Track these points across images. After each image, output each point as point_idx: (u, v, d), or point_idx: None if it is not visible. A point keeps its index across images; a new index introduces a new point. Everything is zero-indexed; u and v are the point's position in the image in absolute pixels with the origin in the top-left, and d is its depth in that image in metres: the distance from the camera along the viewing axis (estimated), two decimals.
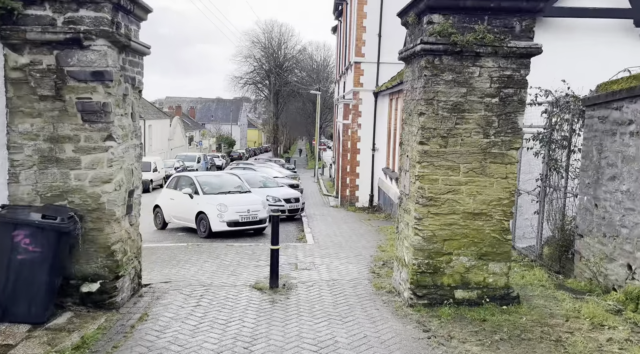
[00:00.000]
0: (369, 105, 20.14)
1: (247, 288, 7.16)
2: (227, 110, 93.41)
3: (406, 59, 6.60)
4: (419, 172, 5.98)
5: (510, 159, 5.96)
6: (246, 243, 11.41)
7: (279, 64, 60.72)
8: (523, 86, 5.85)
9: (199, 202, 12.71)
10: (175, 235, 13.17)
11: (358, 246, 10.79)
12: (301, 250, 10.21)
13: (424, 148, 5.94)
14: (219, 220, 12.24)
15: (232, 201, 12.71)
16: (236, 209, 12.47)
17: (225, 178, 14.43)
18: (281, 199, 16.01)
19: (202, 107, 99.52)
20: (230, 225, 12.36)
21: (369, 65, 19.93)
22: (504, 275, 6.08)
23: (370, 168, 20.47)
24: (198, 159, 38.92)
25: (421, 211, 6.00)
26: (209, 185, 13.43)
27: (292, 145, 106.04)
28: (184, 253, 9.84)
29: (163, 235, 13.24)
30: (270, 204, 15.81)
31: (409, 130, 6.52)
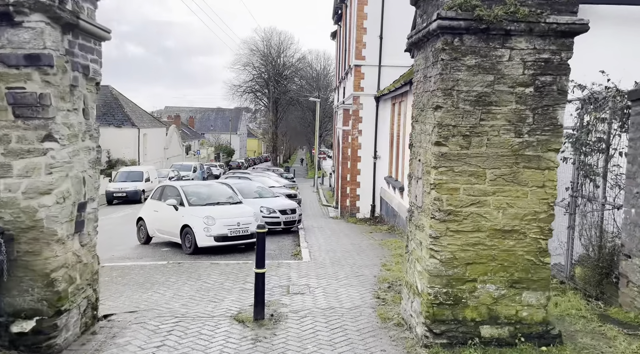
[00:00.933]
0: (370, 110, 19.06)
1: (226, 319, 5.97)
2: (227, 119, 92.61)
3: (417, 44, 5.48)
4: (435, 180, 4.83)
5: (548, 163, 4.81)
6: (234, 260, 10.23)
7: (278, 72, 59.90)
8: (564, 72, 4.73)
9: (184, 214, 11.55)
10: (159, 250, 11.98)
11: (359, 263, 9.60)
12: (295, 268, 9.02)
13: (441, 150, 4.80)
14: (205, 234, 11.07)
15: (220, 213, 11.54)
16: (225, 222, 11.30)
17: (215, 188, 13.27)
18: (276, 210, 14.84)
19: (202, 117, 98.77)
20: (218, 239, 11.18)
21: (370, 68, 18.88)
22: (541, 307, 4.90)
23: (371, 177, 19.34)
24: (194, 168, 37.84)
25: (438, 228, 4.84)
26: (195, 195, 12.27)
27: (292, 155, 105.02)
28: (161, 273, 8.66)
29: (145, 250, 12.05)
30: (265, 216, 14.66)
31: (421, 128, 5.39)
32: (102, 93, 37.55)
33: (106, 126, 36.20)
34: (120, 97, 39.51)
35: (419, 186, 5.36)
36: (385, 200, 17.89)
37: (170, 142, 45.58)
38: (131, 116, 37.76)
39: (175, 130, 48.01)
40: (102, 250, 12.85)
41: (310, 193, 32.98)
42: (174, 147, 47.14)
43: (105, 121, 36.46)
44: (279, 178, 28.00)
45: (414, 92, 5.77)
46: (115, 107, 37.68)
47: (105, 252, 11.80)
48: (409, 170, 5.94)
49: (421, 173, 5.28)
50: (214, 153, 69.82)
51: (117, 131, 36.40)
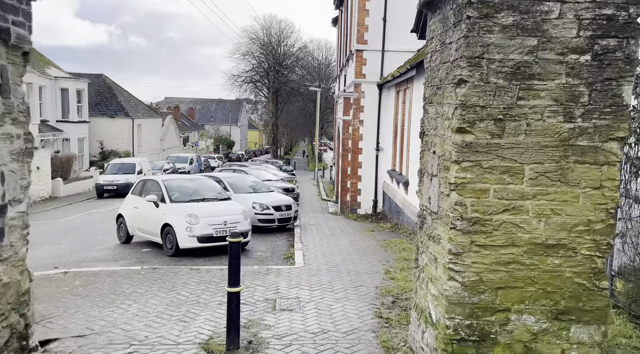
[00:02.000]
0: (372, 98, 17.82)
1: (193, 348, 4.84)
2: (227, 111, 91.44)
3: (432, 2, 4.27)
4: (456, 178, 3.66)
5: (607, 156, 3.63)
6: (218, 265, 9.09)
7: (279, 62, 58.50)
8: (632, 34, 3.52)
9: (165, 212, 10.40)
10: (138, 251, 10.85)
11: (359, 270, 8.45)
12: (286, 276, 7.88)
13: (465, 138, 3.63)
14: (187, 234, 9.93)
15: (205, 211, 10.39)
16: (210, 221, 10.16)
17: (201, 182, 12.08)
18: (270, 207, 13.68)
19: (202, 108, 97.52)
20: (202, 240, 10.04)
21: (373, 53, 17.62)
22: (596, 345, 3.74)
23: (373, 171, 18.15)
24: (190, 160, 36.66)
25: (460, 242, 3.68)
26: (178, 190, 11.12)
27: (294, 147, 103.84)
28: (131, 281, 7.53)
29: (123, 251, 10.93)
30: (257, 213, 13.52)
31: (437, 111, 4.20)
32: (95, 83, 36.36)
33: (99, 116, 35.08)
34: (114, 86, 38.28)
35: (434, 185, 4.19)
36: (389, 195, 16.73)
37: (166, 133, 44.39)
38: (125, 106, 36.55)
39: (172, 120, 46.80)
40: (77, 250, 11.82)
41: (310, 186, 31.83)
42: (170, 138, 45.97)
43: (98, 111, 35.31)
44: (277, 171, 26.84)
45: (428, 66, 4.58)
46: (109, 97, 36.47)
47: (79, 253, 10.71)
48: (420, 165, 4.77)
49: (437, 169, 4.11)
50: (213, 144, 68.67)
51: (110, 121, 35.25)
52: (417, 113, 13.63)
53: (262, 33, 57.99)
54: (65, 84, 31.24)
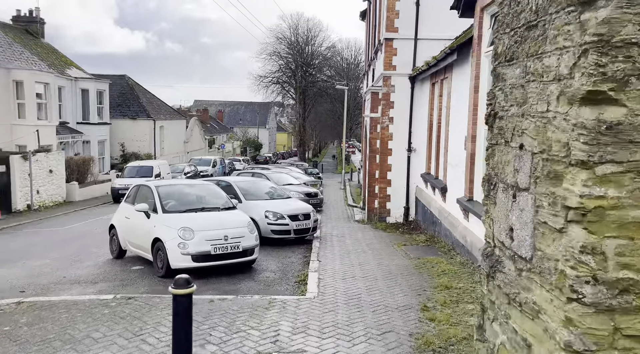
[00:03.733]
0: (403, 93, 15.85)
1: None
2: (256, 113, 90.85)
3: None
4: (584, 197, 1.75)
5: None
6: (211, 292, 7.38)
7: (306, 62, 56.98)
8: None
9: (156, 224, 8.77)
10: (127, 270, 9.26)
11: (388, 303, 6.56)
12: (291, 312, 6.07)
13: (606, 114, 1.72)
14: (180, 251, 8.25)
15: (202, 223, 8.70)
16: (207, 235, 8.45)
17: (203, 189, 10.38)
18: (285, 216, 11.92)
19: (231, 110, 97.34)
20: (198, 259, 8.34)
21: (404, 42, 15.65)
22: None
23: (404, 174, 16.16)
24: (214, 163, 35.44)
25: (592, 330, 1.77)
26: (174, 198, 9.47)
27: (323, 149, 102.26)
28: (92, 319, 5.86)
29: (110, 269, 9.36)
30: (271, 223, 11.78)
31: (526, 71, 2.30)
32: (118, 84, 35.61)
33: (121, 118, 34.25)
34: (137, 86, 37.47)
35: (523, 208, 2.28)
36: (422, 202, 14.72)
37: (191, 135, 43.40)
38: (147, 107, 35.62)
39: (196, 122, 45.82)
40: (60, 267, 9.54)
41: (336, 191, 29.96)
42: (195, 140, 44.98)
43: (119, 112, 34.50)
44: (300, 174, 25.12)
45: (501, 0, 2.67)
46: (131, 98, 35.63)
47: (60, 271, 9.18)
48: (487, 170, 2.85)
49: (530, 179, 2.20)
50: (241, 147, 67.76)
51: (131, 123, 34.35)
52: (458, 108, 11.62)
53: (289, 32, 56.66)
54: (86, 85, 30.45)
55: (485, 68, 9.15)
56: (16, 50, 26.67)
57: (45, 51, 30.91)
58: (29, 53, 27.72)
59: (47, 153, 22.01)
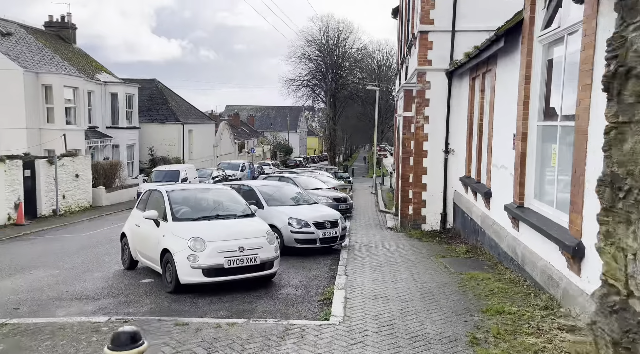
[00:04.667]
0: (439, 90, 14.61)
1: None
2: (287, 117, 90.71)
3: None
4: None
5: None
6: (222, 312, 6.42)
7: (337, 64, 56.01)
8: None
9: (165, 233, 7.91)
10: (136, 283, 8.45)
11: (427, 332, 5.44)
12: (311, 344, 5.04)
13: None
14: (190, 264, 7.35)
15: (215, 232, 7.78)
16: (220, 246, 7.53)
17: (219, 194, 9.41)
18: (310, 223, 10.91)
19: (262, 115, 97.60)
20: (210, 273, 7.42)
21: (440, 35, 14.44)
22: None
23: (441, 178, 14.89)
24: (242, 167, 34.89)
25: None
26: (186, 205, 8.60)
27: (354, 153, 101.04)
28: (74, 349, 4.99)
29: (118, 282, 8.56)
30: (294, 231, 10.80)
31: None
32: (148, 88, 35.57)
33: (149, 122, 34.14)
34: (166, 90, 37.37)
35: None
36: (461, 208, 13.44)
37: (220, 139, 43.06)
38: (176, 111, 35.41)
39: (226, 126, 45.50)
40: (66, 279, 8.68)
41: (367, 195, 28.77)
42: (224, 144, 44.64)
43: (149, 116, 34.40)
44: (329, 178, 24.08)
45: None
46: (160, 102, 35.51)
47: (65, 284, 8.43)
48: (608, 166, 1.73)
49: None
50: (271, 151, 67.38)
51: (160, 127, 34.19)
52: (503, 102, 10.34)
53: (320, 34, 55.84)
54: (115, 89, 30.39)
55: (538, 55, 7.92)
56: (46, 55, 26.80)
57: (76, 56, 31.07)
58: (59, 58, 27.84)
59: (74, 157, 21.77)
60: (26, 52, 25.11)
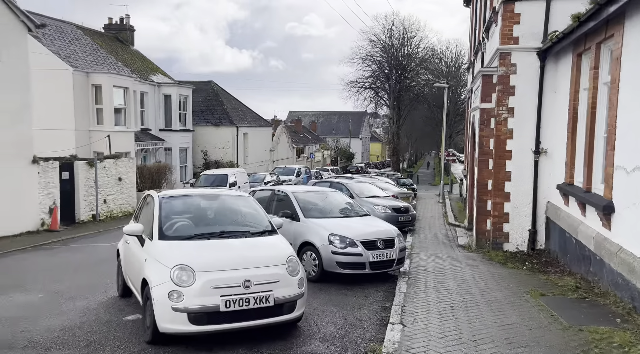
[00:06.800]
0: (528, 74, 11.54)
1: None
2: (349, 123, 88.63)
3: None
4: None
5: None
6: None
7: (401, 65, 52.89)
8: None
9: (147, 257, 5.68)
10: (116, 320, 6.34)
11: None
12: None
13: None
14: (172, 304, 5.07)
15: (210, 258, 5.47)
16: (216, 279, 5.19)
17: (227, 203, 6.94)
18: (357, 242, 8.34)
19: (324, 121, 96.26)
20: (199, 318, 5.09)
21: (530, 5, 11.40)
22: None
23: (530, 185, 11.76)
24: (297, 172, 32.89)
25: None
26: (183, 215, 6.35)
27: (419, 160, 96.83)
28: None
29: (92, 319, 6.49)
30: (336, 252, 8.28)
31: None
32: (204, 90, 34.64)
33: (204, 125, 33.08)
34: (222, 93, 36.28)
35: None
36: (559, 225, 10.29)
37: (277, 143, 41.46)
38: (231, 113, 34.13)
39: (284, 130, 43.89)
40: (41, 305, 5.99)
41: (433, 204, 25.61)
42: (282, 149, 43.00)
43: (203, 119, 33.36)
44: (390, 185, 21.32)
45: None
46: (215, 104, 34.40)
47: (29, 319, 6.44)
48: None
49: None
50: (331, 157, 65.31)
51: (214, 130, 33.01)
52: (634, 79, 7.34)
53: (384, 34, 53.03)
54: (169, 90, 29.51)
55: None
56: (101, 56, 26.29)
57: (133, 57, 30.60)
58: (114, 59, 27.30)
59: (117, 159, 20.63)
60: (79, 52, 24.61)
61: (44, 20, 21.66)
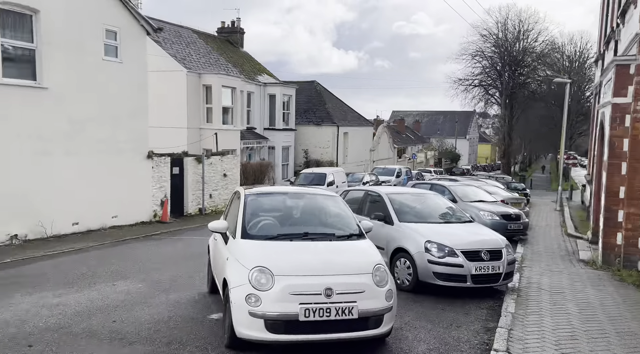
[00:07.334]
0: None
1: None
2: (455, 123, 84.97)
3: None
4: None
5: None
6: None
7: (515, 61, 49.12)
8: None
9: (229, 256, 5.47)
10: (200, 318, 6.27)
11: None
12: None
13: None
14: (249, 309, 4.76)
15: (291, 261, 5.08)
16: (295, 285, 4.79)
17: (313, 202, 6.51)
18: (457, 252, 7.48)
19: (428, 121, 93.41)
20: (276, 327, 4.72)
21: None
22: None
23: None
24: (397, 172, 31.94)
25: None
26: (268, 214, 6.06)
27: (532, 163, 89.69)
28: None
29: (179, 314, 6.49)
30: (433, 261, 7.51)
31: None
32: (307, 89, 35.11)
33: (306, 124, 33.49)
34: (325, 92, 36.49)
35: None
36: None
37: (378, 143, 40.74)
38: (332, 112, 34.17)
39: (385, 130, 43.01)
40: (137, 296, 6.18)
41: (549, 212, 23.16)
42: (382, 149, 42.19)
43: (305, 118, 33.79)
44: (498, 189, 19.61)
45: None
46: (317, 103, 34.68)
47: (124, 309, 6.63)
48: None
49: None
50: (435, 158, 62.94)
51: (315, 129, 33.27)
52: None
53: (496, 28, 49.65)
54: (273, 90, 30.31)
55: None
56: (212, 58, 27.76)
57: (241, 59, 31.93)
58: (224, 60, 28.68)
59: (222, 156, 21.52)
60: (193, 55, 26.18)
61: (163, 25, 23.34)
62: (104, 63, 14.89)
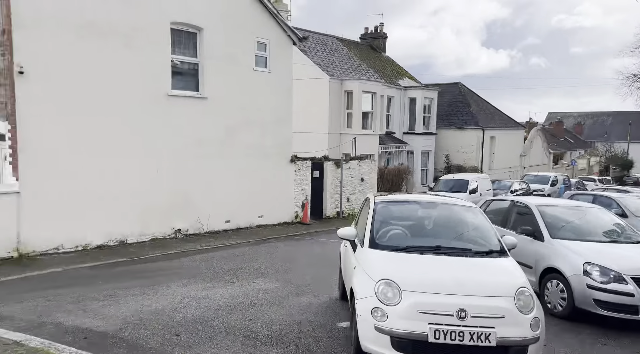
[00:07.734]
0: None
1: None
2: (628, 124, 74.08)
3: None
4: None
5: None
6: None
7: None
8: None
9: (357, 265, 5.33)
10: (328, 325, 6.22)
11: None
12: None
13: None
14: (374, 323, 4.56)
15: (417, 275, 4.74)
16: (425, 302, 4.44)
17: (447, 213, 5.85)
18: (625, 278, 6.30)
19: (593, 123, 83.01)
20: (403, 345, 4.42)
21: None
22: None
23: None
24: (552, 181, 28.82)
25: None
26: (398, 223, 5.76)
27: None
28: None
29: (308, 319, 6.53)
30: (593, 286, 6.49)
31: None
32: (449, 92, 33.76)
33: (447, 127, 32.14)
34: (469, 94, 34.58)
35: None
36: None
37: (530, 148, 37.28)
38: (477, 115, 32.20)
39: (538, 133, 39.19)
40: (276, 294, 7.32)
41: None
42: (535, 154, 38.49)
43: (447, 122, 32.44)
44: None
45: None
46: (461, 106, 33.02)
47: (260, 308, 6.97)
48: None
49: None
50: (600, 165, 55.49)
51: (458, 133, 31.69)
52: None
53: None
54: (414, 94, 29.70)
55: None
56: (354, 64, 28.26)
57: (382, 63, 31.94)
58: (365, 66, 29.01)
59: (360, 161, 21.68)
60: (336, 62, 26.94)
61: (308, 35, 24.42)
62: (254, 73, 16.04)
